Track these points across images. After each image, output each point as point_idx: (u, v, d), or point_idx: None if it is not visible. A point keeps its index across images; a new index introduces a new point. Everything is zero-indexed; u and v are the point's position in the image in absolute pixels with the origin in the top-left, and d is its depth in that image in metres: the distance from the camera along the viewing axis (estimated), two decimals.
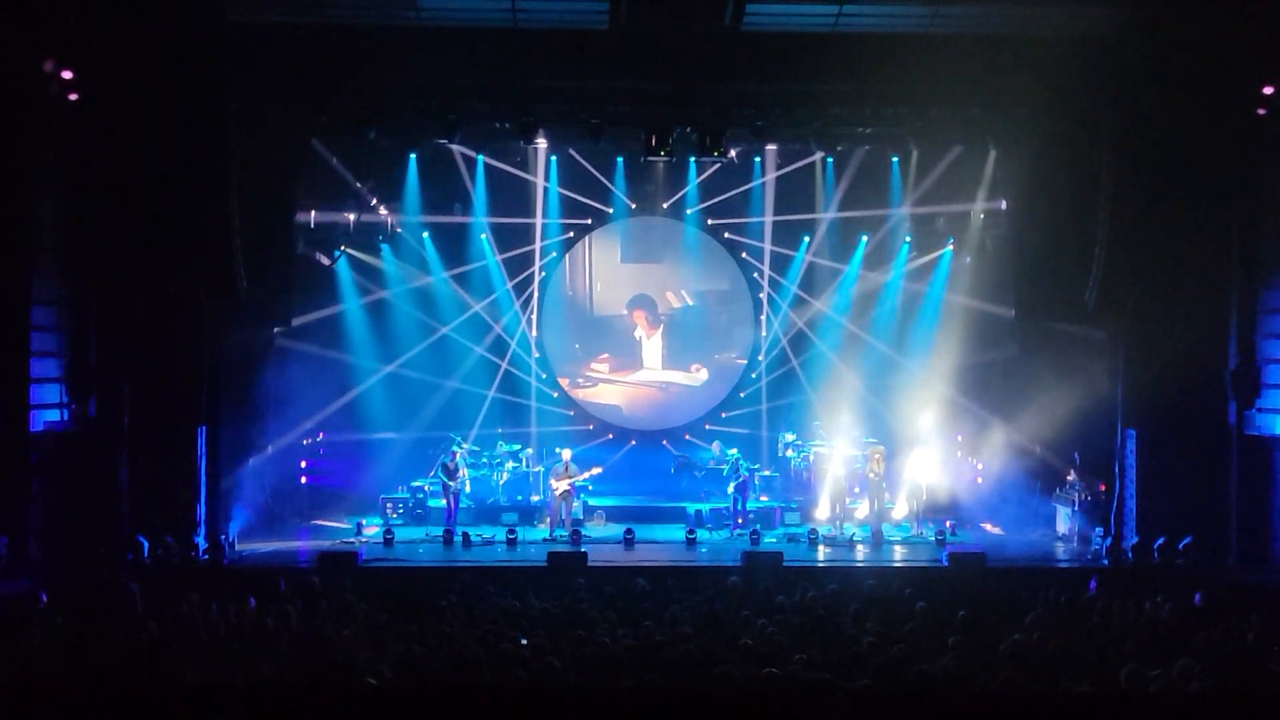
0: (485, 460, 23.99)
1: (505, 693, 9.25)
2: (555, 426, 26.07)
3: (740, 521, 22.11)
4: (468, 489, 23.01)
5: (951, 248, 24.80)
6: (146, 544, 18.94)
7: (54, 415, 19.04)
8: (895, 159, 24.02)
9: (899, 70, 19.53)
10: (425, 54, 19.37)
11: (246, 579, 16.98)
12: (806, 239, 25.88)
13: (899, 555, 20.63)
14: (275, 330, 22.50)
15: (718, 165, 23.73)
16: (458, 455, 22.52)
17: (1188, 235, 19.76)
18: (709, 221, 26.26)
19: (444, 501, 22.20)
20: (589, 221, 26.15)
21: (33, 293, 18.55)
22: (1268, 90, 18.97)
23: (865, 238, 25.49)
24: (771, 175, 25.33)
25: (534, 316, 26.37)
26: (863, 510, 22.49)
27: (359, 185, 23.65)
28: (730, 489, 22.33)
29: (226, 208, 19.95)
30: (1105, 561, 19.80)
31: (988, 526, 22.81)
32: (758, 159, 24.92)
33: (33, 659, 11.86)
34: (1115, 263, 20.17)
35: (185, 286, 19.67)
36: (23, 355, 18.35)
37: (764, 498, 23.60)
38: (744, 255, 26.42)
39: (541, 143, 23.62)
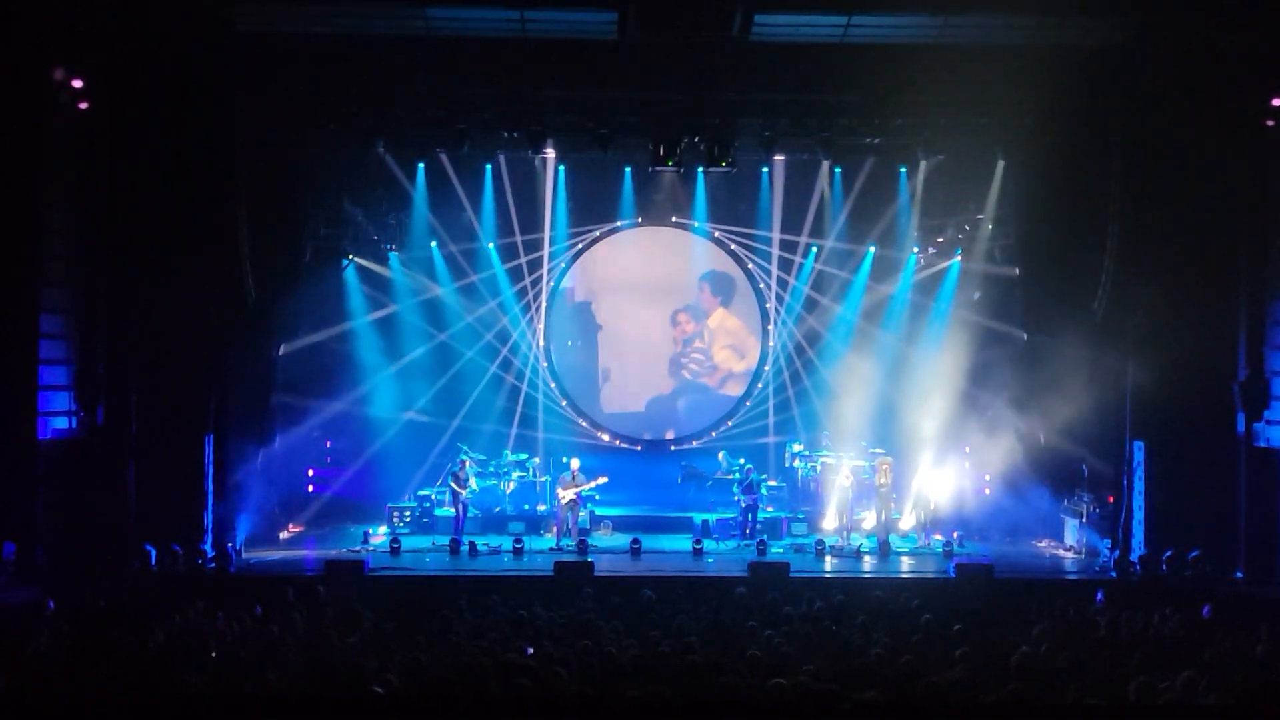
0: (492, 469, 23.99)
1: (511, 702, 9.24)
2: (562, 434, 26.05)
3: (748, 533, 22.06)
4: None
5: (960, 259, 24.75)
6: (154, 552, 18.98)
7: (62, 423, 19.10)
8: (903, 169, 24.00)
9: (908, 81, 19.60)
10: (434, 64, 19.44)
11: (253, 587, 16.98)
12: (814, 250, 25.88)
13: (906, 566, 20.60)
14: (283, 338, 22.58)
15: (725, 175, 23.66)
16: (466, 465, 22.50)
17: (1196, 247, 19.75)
18: (716, 232, 26.28)
19: (452, 510, 22.18)
20: (597, 232, 26.19)
21: (42, 301, 18.63)
22: (1276, 102, 18.96)
23: (873, 248, 25.47)
24: (779, 186, 25.33)
25: (541, 326, 26.38)
26: (870, 521, 22.45)
27: (367, 195, 23.70)
28: (743, 500, 22.23)
29: (235, 217, 20.05)
30: (1113, 573, 19.73)
31: (995, 538, 22.76)
32: (765, 169, 24.91)
33: (39, 667, 11.86)
34: (1123, 274, 20.17)
35: (194, 295, 19.74)
36: (31, 363, 18.40)
37: (769, 508, 23.55)
38: (751, 266, 26.43)
39: (550, 153, 23.64)
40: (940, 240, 25.13)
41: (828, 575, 19.68)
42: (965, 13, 18.44)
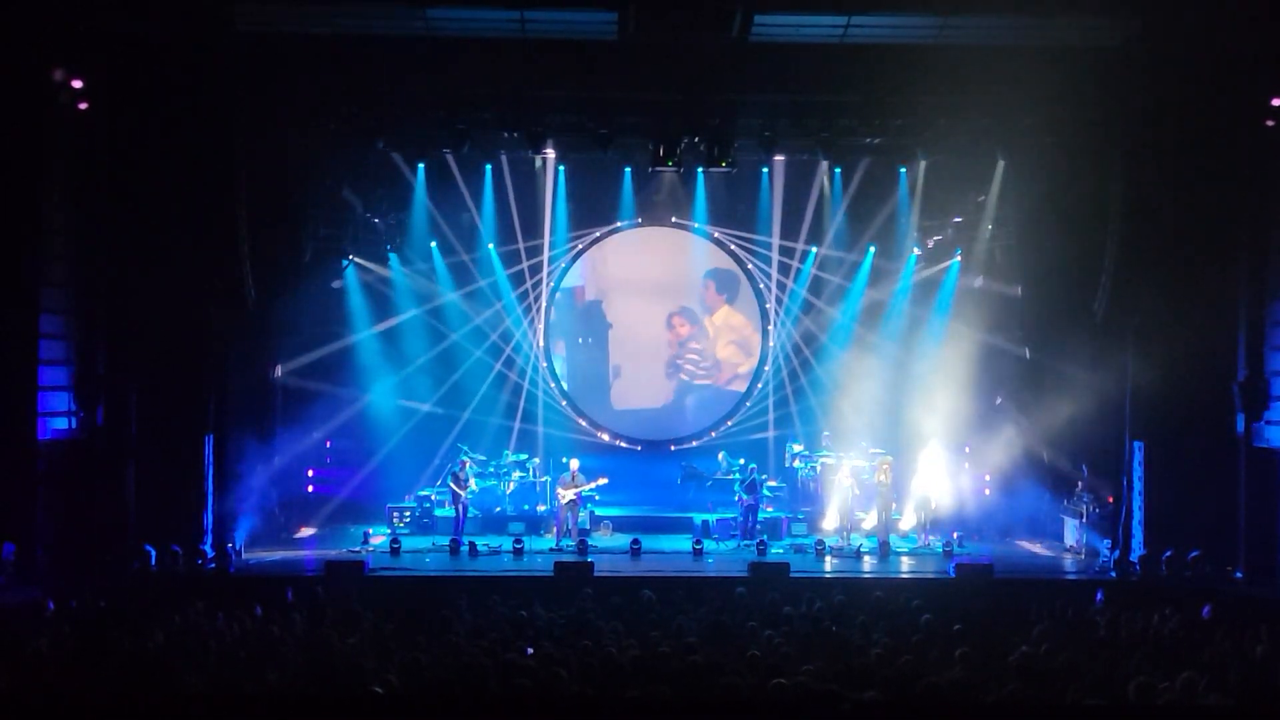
0: (492, 470, 23.98)
1: (511, 703, 9.24)
2: (562, 434, 26.05)
3: (749, 533, 22.04)
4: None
5: (959, 259, 24.75)
6: (153, 552, 18.97)
7: (62, 423, 19.10)
8: (903, 170, 24.00)
9: (908, 81, 19.59)
10: (434, 64, 19.42)
11: (253, 588, 16.99)
12: (814, 250, 25.88)
13: (906, 566, 20.60)
14: (282, 339, 22.59)
15: (725, 176, 23.62)
16: (467, 465, 22.50)
17: (1196, 247, 19.76)
18: (715, 233, 26.27)
19: (453, 510, 22.17)
20: (597, 233, 26.19)
21: (42, 301, 18.62)
22: (1276, 102, 18.97)
23: (873, 249, 25.47)
24: (779, 186, 25.33)
25: (541, 326, 26.37)
26: (870, 521, 22.45)
27: (367, 195, 23.72)
28: (746, 499, 22.21)
29: (235, 217, 20.05)
30: (1113, 574, 19.74)
31: (995, 538, 22.75)
32: (765, 170, 24.91)
33: (39, 667, 11.86)
34: (1124, 274, 20.18)
35: (194, 295, 19.75)
36: (32, 363, 18.40)
37: (769, 508, 23.54)
38: (751, 266, 26.42)
39: (550, 153, 23.64)
40: (940, 240, 25.13)
41: (828, 575, 19.69)
42: (965, 13, 18.41)
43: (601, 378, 26.87)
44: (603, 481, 22.50)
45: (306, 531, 23.11)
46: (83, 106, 18.83)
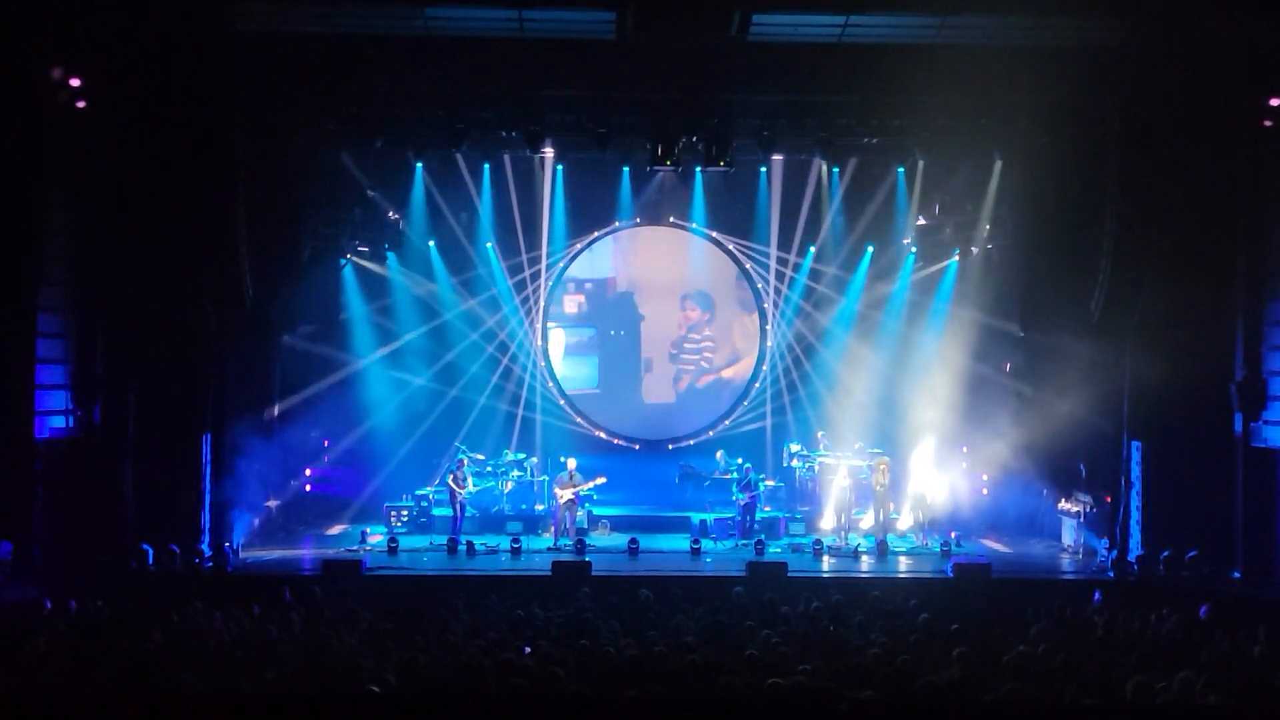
0: (490, 469, 23.97)
1: (509, 702, 9.24)
2: (560, 431, 26.05)
3: (746, 533, 22.04)
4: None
5: (957, 258, 24.74)
6: (151, 551, 18.97)
7: (60, 422, 19.10)
8: (901, 170, 24.01)
9: (906, 81, 19.60)
10: (432, 63, 19.45)
11: (250, 587, 16.98)
12: (812, 249, 25.89)
13: (904, 566, 20.60)
14: (281, 338, 22.60)
15: (724, 175, 23.62)
16: (465, 465, 22.50)
17: (1193, 247, 19.76)
18: (714, 233, 26.27)
19: (450, 510, 22.16)
20: (595, 233, 26.18)
21: (40, 300, 18.62)
22: (1274, 102, 18.97)
23: (871, 248, 25.48)
24: (777, 186, 25.34)
25: (540, 325, 26.37)
26: (868, 521, 22.45)
27: (368, 194, 23.72)
28: (742, 499, 22.24)
29: (233, 216, 20.07)
30: (1111, 574, 19.73)
31: (992, 539, 22.76)
32: (763, 169, 24.91)
33: (36, 667, 11.86)
34: (1121, 274, 20.18)
35: (192, 294, 19.78)
36: (29, 362, 18.40)
37: (767, 508, 23.54)
38: (749, 266, 26.43)
39: (548, 152, 23.64)
40: (937, 239, 25.12)
41: (825, 575, 19.68)
42: (963, 13, 18.44)
43: (633, 371, 26.84)
44: (601, 481, 22.51)
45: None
46: (82, 106, 18.82)
